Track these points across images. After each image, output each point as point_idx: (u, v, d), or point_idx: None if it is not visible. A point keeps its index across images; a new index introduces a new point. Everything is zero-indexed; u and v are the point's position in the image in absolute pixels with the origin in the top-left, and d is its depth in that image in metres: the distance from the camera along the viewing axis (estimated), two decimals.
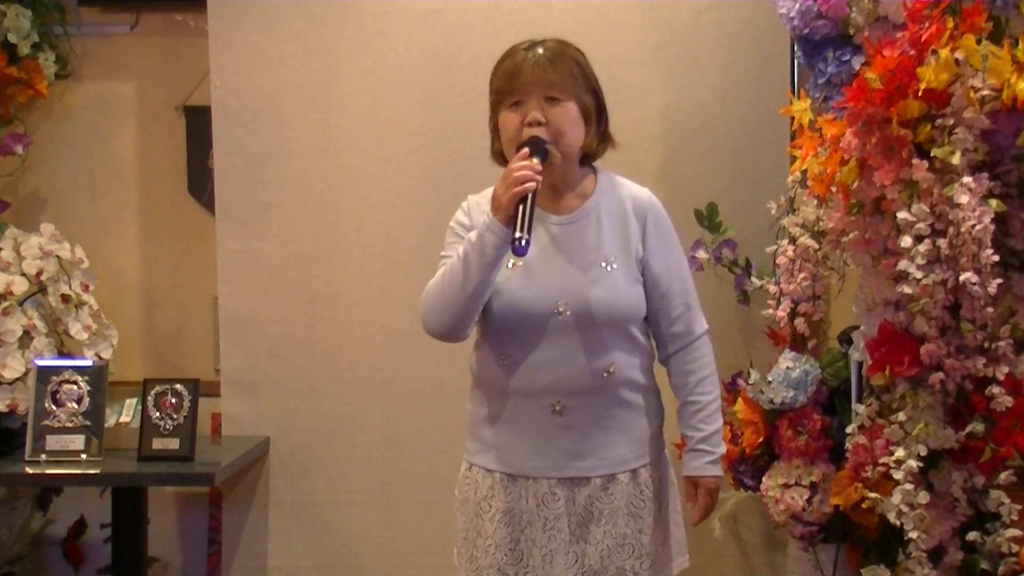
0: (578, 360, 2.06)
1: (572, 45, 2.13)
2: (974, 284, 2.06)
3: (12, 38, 3.10)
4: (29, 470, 2.71)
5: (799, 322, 2.61)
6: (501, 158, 2.13)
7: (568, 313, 2.05)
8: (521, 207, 1.94)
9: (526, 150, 2.00)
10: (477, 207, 2.14)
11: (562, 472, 2.09)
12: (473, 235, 2.01)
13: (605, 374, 2.07)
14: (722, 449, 2.16)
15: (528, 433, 2.09)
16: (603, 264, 2.08)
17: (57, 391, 2.80)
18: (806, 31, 2.43)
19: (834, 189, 2.33)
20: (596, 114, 2.13)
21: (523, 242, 1.92)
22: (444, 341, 2.11)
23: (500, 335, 2.09)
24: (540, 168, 1.98)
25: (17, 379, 2.86)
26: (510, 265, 2.07)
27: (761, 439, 2.61)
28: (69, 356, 2.96)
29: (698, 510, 2.15)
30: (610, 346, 2.08)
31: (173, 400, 2.80)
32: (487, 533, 2.10)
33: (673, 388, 2.19)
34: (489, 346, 2.11)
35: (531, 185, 1.95)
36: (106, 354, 2.98)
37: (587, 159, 2.15)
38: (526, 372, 2.07)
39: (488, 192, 2.11)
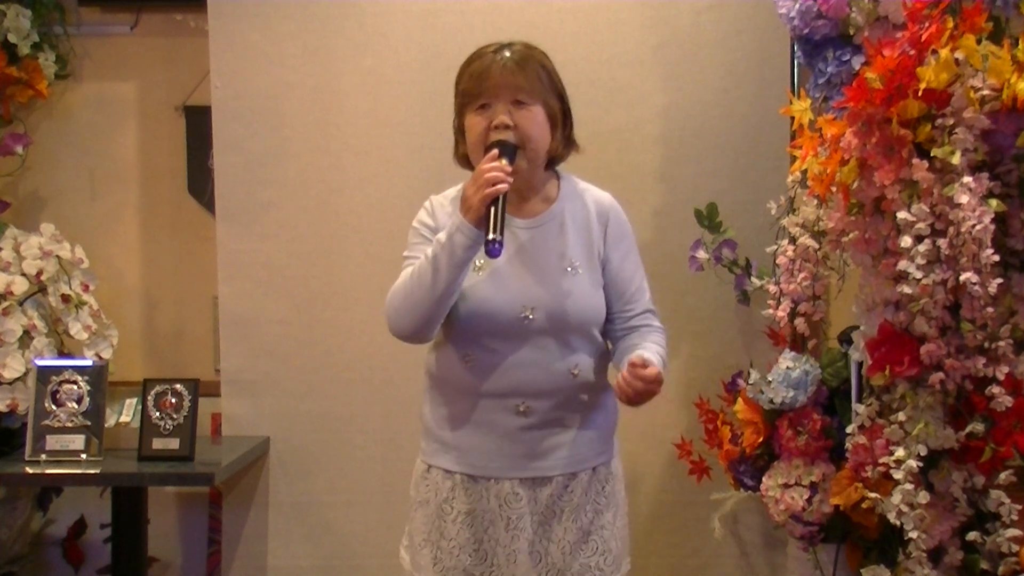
0: (544, 363, 2.07)
1: (539, 49, 2.13)
2: (974, 284, 2.06)
3: (12, 38, 3.10)
4: (29, 470, 2.71)
5: (799, 322, 2.60)
6: (466, 161, 2.13)
7: (535, 317, 2.05)
8: (493, 208, 1.95)
9: (495, 151, 2.00)
10: (441, 207, 2.15)
11: (524, 472, 2.10)
12: (442, 236, 2.01)
13: (571, 376, 2.09)
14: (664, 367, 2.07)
15: (491, 434, 2.09)
16: (568, 268, 2.10)
17: (57, 391, 2.80)
18: (806, 31, 2.43)
19: (834, 189, 2.33)
20: (562, 118, 2.14)
21: (497, 244, 1.93)
22: (410, 342, 2.12)
23: (465, 338, 2.09)
24: (510, 169, 1.99)
25: (17, 379, 2.86)
26: (477, 267, 2.07)
27: (761, 439, 2.61)
28: (69, 356, 2.96)
29: (632, 388, 1.97)
30: (575, 348, 2.10)
31: (173, 400, 2.80)
32: (450, 535, 2.11)
33: (619, 354, 2.12)
34: (453, 348, 2.11)
35: (503, 186, 1.96)
36: (106, 354, 2.98)
37: (551, 163, 2.16)
38: (491, 374, 2.07)
39: (451, 192, 2.12)
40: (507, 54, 2.08)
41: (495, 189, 1.95)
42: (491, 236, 1.93)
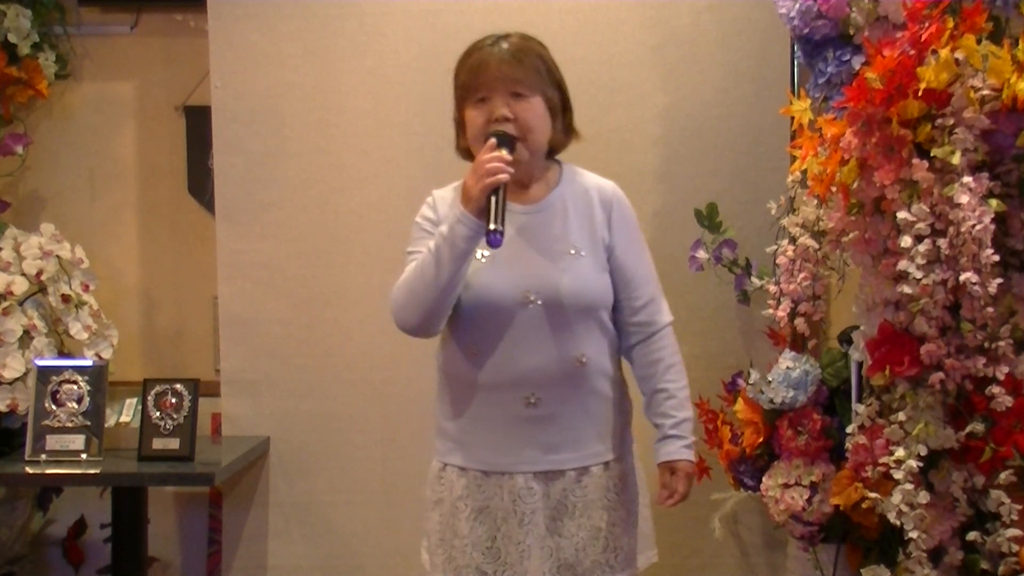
0: (549, 350, 2.06)
1: (536, 40, 2.14)
2: (974, 284, 2.06)
3: (12, 38, 3.10)
4: (29, 470, 2.71)
5: (799, 322, 2.60)
6: (467, 154, 2.14)
7: (539, 302, 2.05)
8: (493, 198, 1.95)
9: (493, 141, 2.01)
10: (443, 201, 2.15)
11: (537, 466, 2.09)
12: (444, 228, 2.01)
13: (577, 363, 2.08)
14: (694, 437, 2.16)
15: (502, 428, 2.09)
16: (571, 252, 2.09)
17: (57, 391, 2.80)
18: (806, 31, 2.43)
19: (834, 189, 2.33)
20: (561, 108, 2.14)
21: (498, 234, 1.93)
22: (417, 336, 2.11)
23: (469, 328, 2.09)
24: (510, 159, 1.99)
25: (17, 379, 2.86)
26: (480, 257, 2.06)
27: (761, 439, 2.61)
28: (69, 356, 2.96)
29: (676, 496, 2.14)
30: (581, 334, 2.09)
31: (173, 400, 2.80)
32: (463, 533, 2.10)
33: (639, 379, 2.18)
34: (457, 342, 2.11)
35: (503, 176, 1.96)
36: (106, 354, 2.98)
37: (551, 152, 2.17)
38: (497, 365, 2.07)
39: (453, 187, 2.12)
40: (504, 46, 2.08)
41: (495, 179, 1.95)
42: (492, 226, 1.93)
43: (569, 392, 2.09)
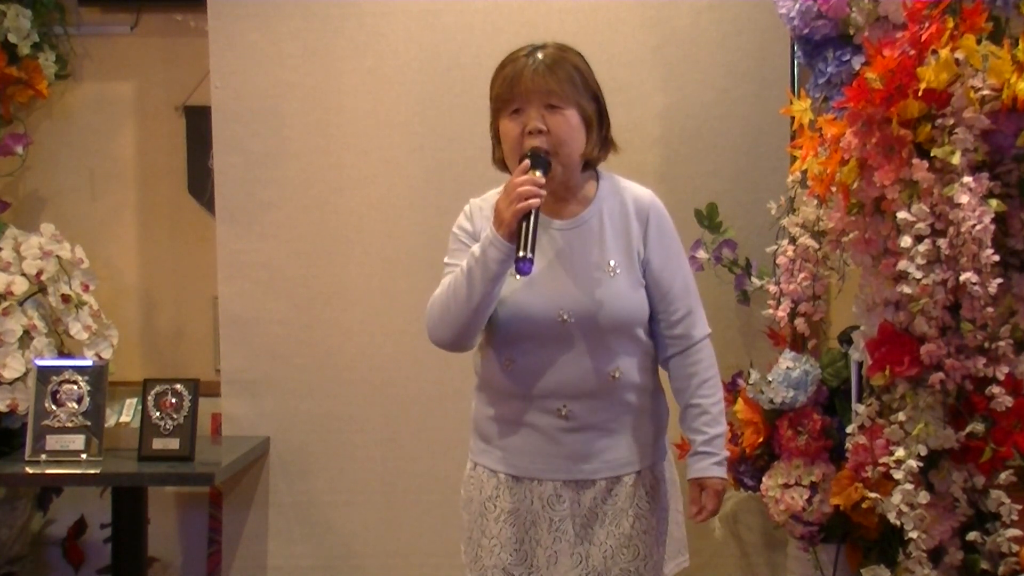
0: (584, 365, 2.05)
1: (572, 50, 2.10)
2: (974, 284, 2.06)
3: (12, 38, 3.10)
4: (29, 470, 2.71)
5: (799, 322, 2.60)
6: (503, 165, 2.11)
7: (572, 321, 2.04)
8: (524, 224, 1.93)
9: (527, 163, 1.98)
10: (480, 212, 2.12)
11: (568, 475, 2.09)
12: (476, 249, 2.00)
13: (611, 378, 2.07)
14: (726, 452, 2.15)
15: (534, 437, 2.09)
16: (607, 269, 2.07)
17: (57, 391, 2.80)
18: (806, 31, 2.43)
19: (834, 189, 2.33)
20: (597, 120, 2.11)
21: (527, 262, 1.91)
22: (451, 351, 2.10)
23: (505, 342, 2.08)
24: (543, 182, 1.97)
25: (17, 379, 2.86)
26: (514, 273, 2.06)
27: (761, 439, 2.61)
28: (69, 356, 2.96)
29: (705, 512, 2.14)
30: (616, 350, 2.08)
31: (173, 400, 2.79)
32: (492, 533, 2.10)
33: (675, 392, 2.18)
34: (494, 351, 2.10)
35: (535, 201, 1.94)
36: (106, 354, 2.98)
37: (588, 164, 2.14)
38: (532, 377, 2.06)
39: (491, 195, 2.10)
40: (539, 57, 2.05)
41: (527, 204, 1.93)
42: (521, 253, 1.91)
43: (602, 405, 2.08)
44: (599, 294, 2.05)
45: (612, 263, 2.08)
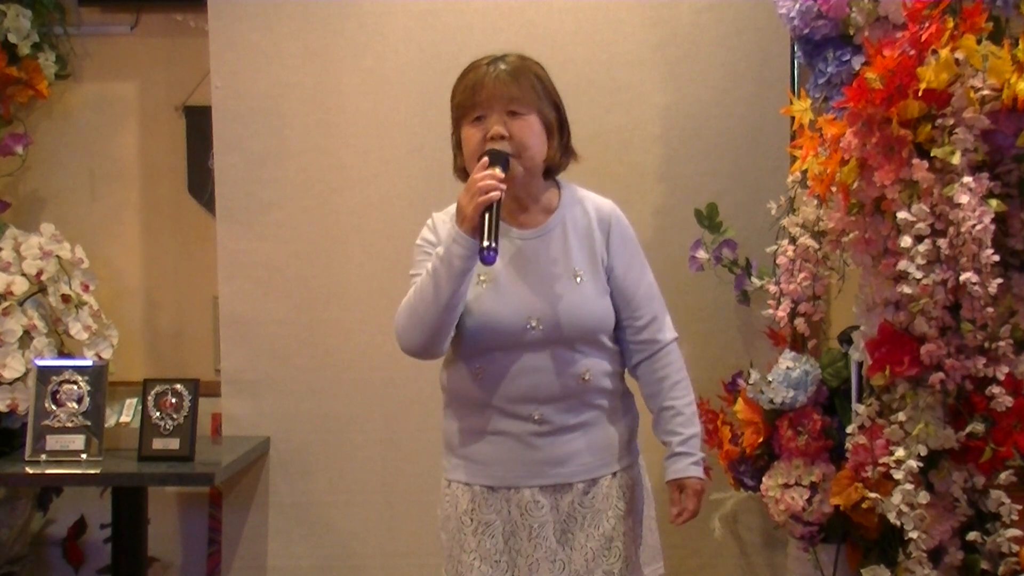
0: (553, 370, 2.07)
1: (533, 60, 2.13)
2: (974, 284, 2.06)
3: (12, 38, 3.10)
4: (29, 470, 2.71)
5: (799, 322, 2.60)
6: (464, 174, 2.12)
7: (540, 328, 2.05)
8: (487, 216, 1.94)
9: (486, 159, 1.99)
10: (443, 223, 2.13)
11: (545, 479, 2.09)
12: (440, 249, 2.01)
13: (581, 380, 2.09)
14: (702, 453, 2.17)
15: (508, 444, 2.09)
16: (572, 276, 2.09)
17: (57, 391, 2.80)
18: (806, 31, 2.43)
19: (834, 189, 2.33)
20: (558, 127, 2.13)
21: (491, 251, 1.92)
22: (421, 358, 2.11)
23: (474, 352, 2.09)
24: (503, 176, 1.98)
25: (17, 379, 2.86)
26: (481, 279, 2.07)
27: (761, 439, 2.61)
28: (69, 356, 2.96)
29: (686, 513, 2.15)
30: (585, 353, 2.09)
31: (173, 400, 2.80)
32: (471, 547, 2.10)
33: (646, 398, 2.19)
34: (463, 362, 2.11)
35: (496, 194, 1.95)
36: (106, 354, 2.98)
37: (550, 172, 2.15)
38: (502, 385, 2.07)
39: (452, 208, 2.11)
40: (501, 66, 2.07)
41: (488, 197, 1.94)
42: (485, 243, 1.93)
43: (573, 407, 2.10)
44: (567, 301, 2.07)
45: (578, 271, 2.10)
